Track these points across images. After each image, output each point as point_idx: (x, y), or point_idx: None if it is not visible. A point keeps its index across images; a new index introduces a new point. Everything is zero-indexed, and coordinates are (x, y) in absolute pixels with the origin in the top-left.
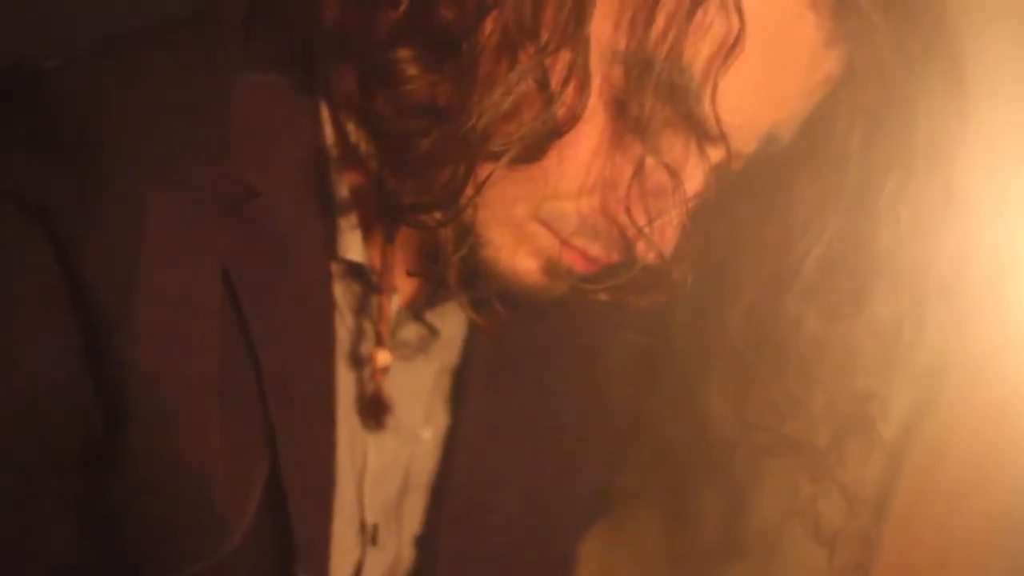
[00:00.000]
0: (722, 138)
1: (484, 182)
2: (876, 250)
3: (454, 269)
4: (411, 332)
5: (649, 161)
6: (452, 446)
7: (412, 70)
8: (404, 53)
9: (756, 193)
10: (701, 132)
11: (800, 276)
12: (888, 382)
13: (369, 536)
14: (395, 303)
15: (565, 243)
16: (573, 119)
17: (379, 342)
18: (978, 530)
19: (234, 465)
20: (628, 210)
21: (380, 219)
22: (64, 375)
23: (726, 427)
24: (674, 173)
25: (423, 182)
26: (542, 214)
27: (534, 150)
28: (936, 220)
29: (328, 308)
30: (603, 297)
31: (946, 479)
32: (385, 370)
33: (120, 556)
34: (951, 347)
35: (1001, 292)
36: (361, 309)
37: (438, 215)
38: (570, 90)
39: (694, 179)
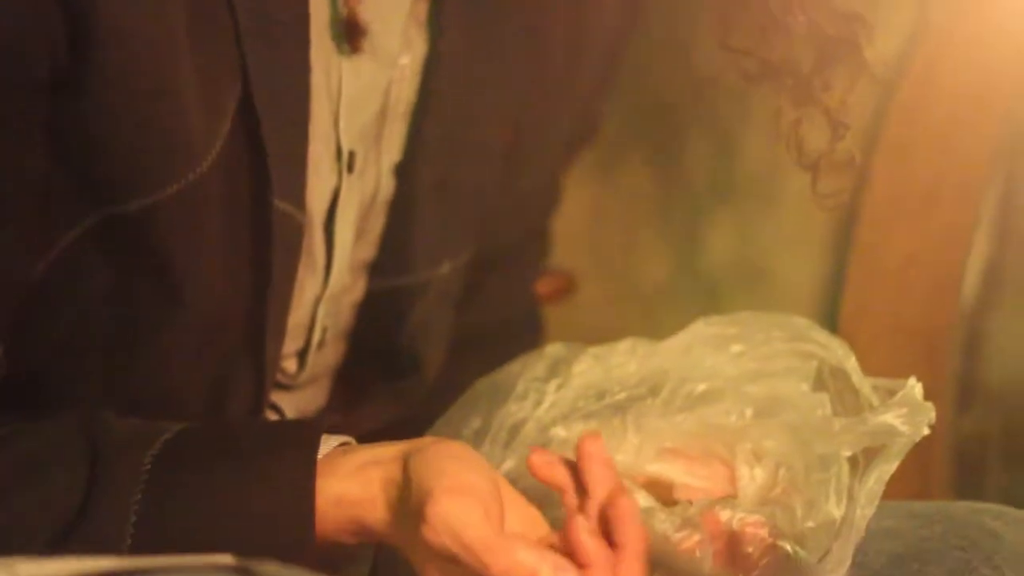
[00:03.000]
0: None
1: None
2: None
3: None
4: None
5: None
6: (431, 72)
7: None
8: None
9: None
10: None
11: None
12: (873, 4)
13: (345, 163)
14: None
15: None
16: None
17: None
18: (969, 161)
19: (205, 90)
20: None
21: None
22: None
23: (711, 58)
24: None
25: None
26: None
27: None
28: None
29: None
30: None
31: (937, 109)
32: None
33: (92, 181)
34: None
35: None
36: None
37: None
38: None
39: None
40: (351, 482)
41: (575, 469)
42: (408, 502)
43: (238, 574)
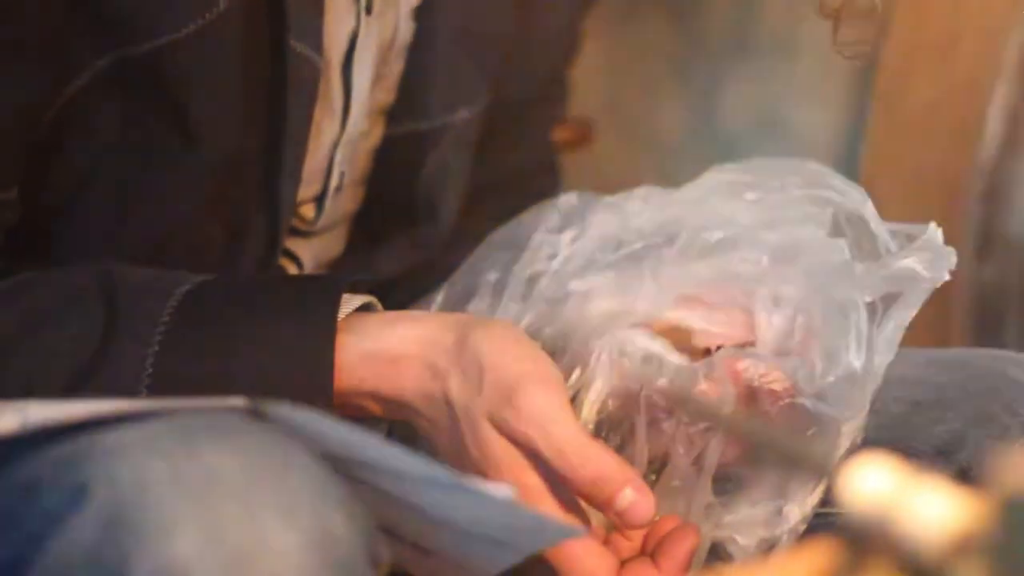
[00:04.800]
0: None
1: None
2: None
3: None
4: None
5: None
6: None
7: None
8: None
9: None
10: None
11: None
12: None
13: (364, 5)
14: None
15: None
16: None
17: None
18: (990, 8)
19: None
20: None
21: None
22: None
23: None
24: None
25: None
26: None
27: None
28: None
29: None
30: None
31: None
32: None
33: (108, 21)
34: None
35: None
36: None
37: None
38: None
39: None
40: (382, 337)
41: None
42: (469, 375)
43: (250, 415)
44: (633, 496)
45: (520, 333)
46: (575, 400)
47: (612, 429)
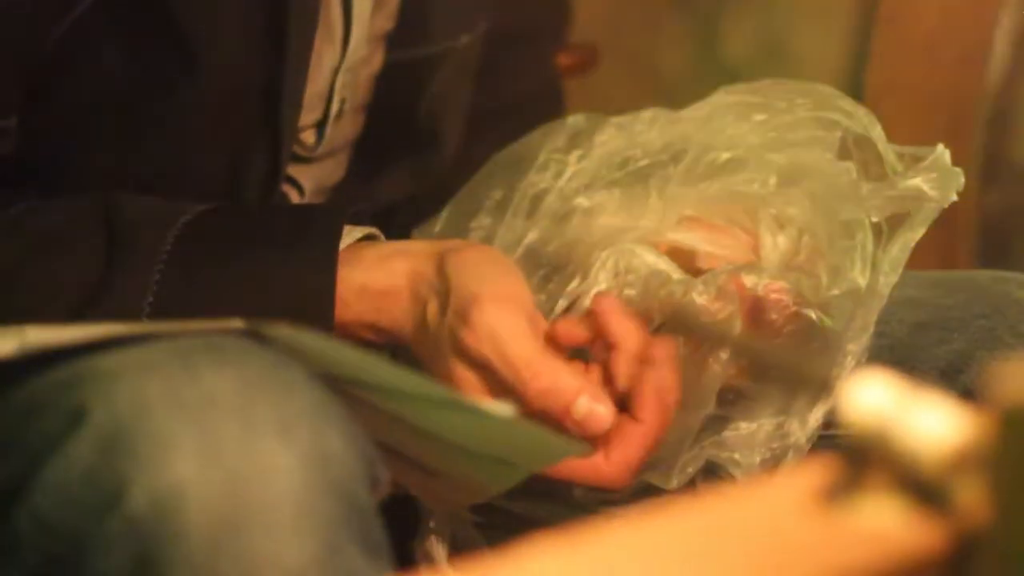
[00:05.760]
0: None
1: None
2: None
3: None
4: None
5: None
6: None
7: None
8: None
9: None
10: None
11: None
12: None
13: None
14: None
15: None
16: None
17: None
18: None
19: None
20: None
21: None
22: None
23: None
24: None
25: None
26: None
27: None
28: None
29: None
30: None
31: None
32: None
33: None
34: None
35: None
36: None
37: None
38: None
39: None
40: (376, 271)
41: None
42: (441, 301)
43: (248, 337)
44: (589, 404)
45: (495, 255)
46: (572, 308)
47: None
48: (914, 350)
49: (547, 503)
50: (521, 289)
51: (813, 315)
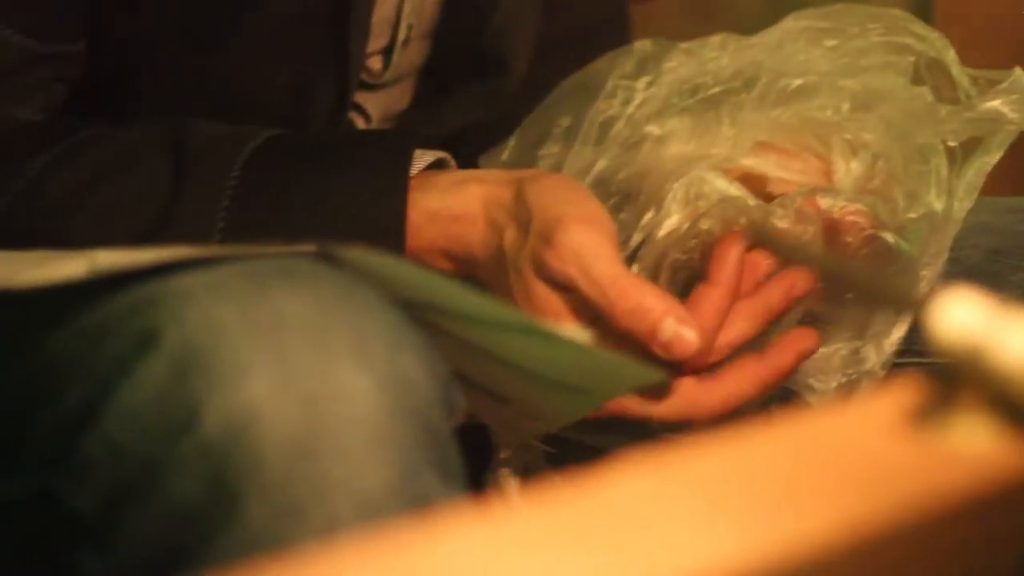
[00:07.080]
0: None
1: None
2: None
3: None
4: None
5: None
6: None
7: None
8: None
9: None
10: None
11: None
12: None
13: None
14: None
15: None
16: None
17: None
18: None
19: None
20: None
21: None
22: None
23: None
24: None
25: None
26: None
27: None
28: None
29: None
30: None
31: None
32: None
33: None
34: None
35: None
36: None
37: None
38: None
39: None
40: (450, 197)
41: None
42: (520, 226)
43: (321, 260)
44: (676, 327)
45: (573, 182)
46: (647, 240)
47: (682, 270)
48: (989, 277)
49: (622, 435)
50: (603, 212)
51: (890, 238)
